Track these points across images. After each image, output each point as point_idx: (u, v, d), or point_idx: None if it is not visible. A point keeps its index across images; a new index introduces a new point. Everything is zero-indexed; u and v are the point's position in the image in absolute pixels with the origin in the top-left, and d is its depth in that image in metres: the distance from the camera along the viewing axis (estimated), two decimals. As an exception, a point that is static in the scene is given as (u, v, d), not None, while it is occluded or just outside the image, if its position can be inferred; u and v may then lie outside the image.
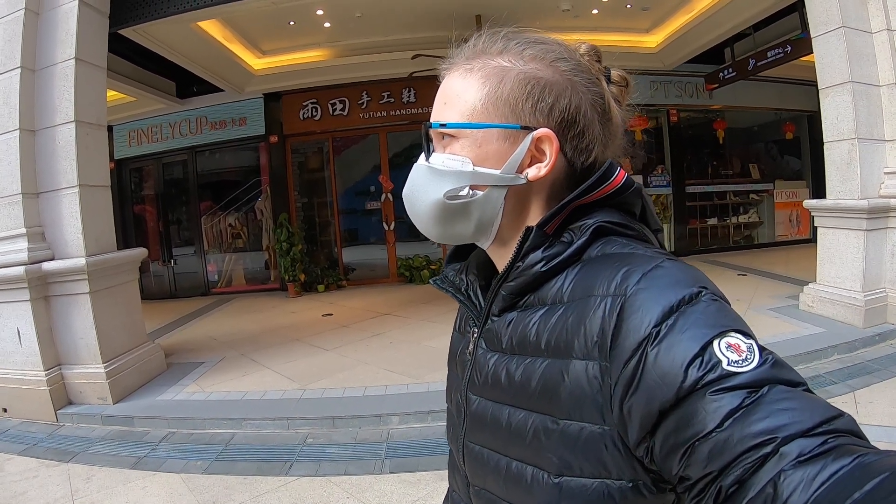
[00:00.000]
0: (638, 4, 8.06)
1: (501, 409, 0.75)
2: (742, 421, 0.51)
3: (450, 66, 0.80)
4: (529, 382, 0.71)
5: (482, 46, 0.78)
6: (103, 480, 3.63)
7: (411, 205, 0.82)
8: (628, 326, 0.61)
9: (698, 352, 0.56)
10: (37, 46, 4.82)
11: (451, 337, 0.98)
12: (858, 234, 5.34)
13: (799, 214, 11.41)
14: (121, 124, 10.35)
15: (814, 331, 5.30)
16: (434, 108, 0.80)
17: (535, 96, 0.74)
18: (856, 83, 5.34)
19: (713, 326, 0.58)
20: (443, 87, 0.80)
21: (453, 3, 7.21)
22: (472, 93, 0.75)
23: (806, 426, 0.50)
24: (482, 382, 0.80)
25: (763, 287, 7.42)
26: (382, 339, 6.26)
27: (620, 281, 0.65)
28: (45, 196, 4.82)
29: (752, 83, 9.94)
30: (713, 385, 0.54)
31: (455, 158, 0.76)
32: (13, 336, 4.71)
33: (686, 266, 0.66)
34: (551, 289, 0.73)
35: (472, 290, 0.88)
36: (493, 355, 0.78)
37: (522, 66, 0.75)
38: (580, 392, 0.65)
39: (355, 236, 10.84)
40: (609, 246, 0.72)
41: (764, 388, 0.53)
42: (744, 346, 0.56)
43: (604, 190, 0.75)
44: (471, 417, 0.82)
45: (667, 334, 0.58)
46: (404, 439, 3.93)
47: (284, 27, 7.89)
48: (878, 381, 4.28)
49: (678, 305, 0.60)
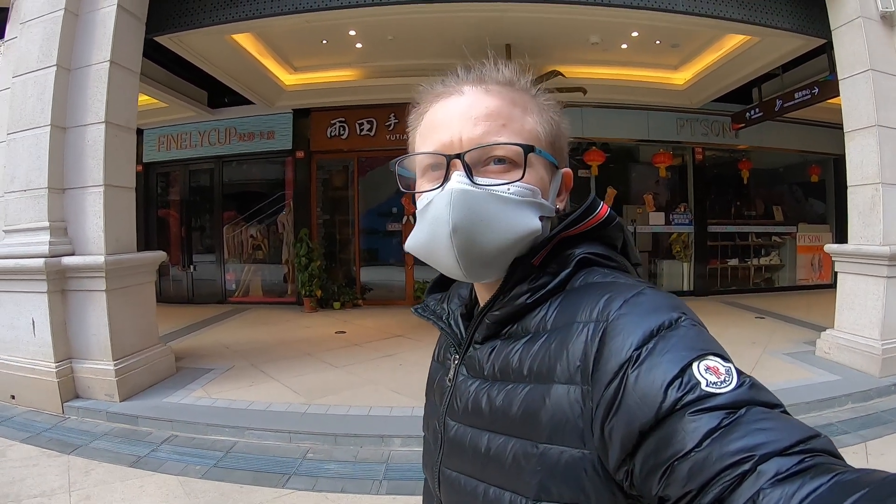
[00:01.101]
0: (667, 41, 8.08)
1: (481, 434, 0.75)
2: (720, 440, 0.51)
3: (476, 83, 0.78)
4: (510, 407, 0.71)
5: (509, 77, 0.80)
6: (102, 475, 3.65)
7: (479, 233, 0.72)
8: (610, 350, 0.62)
9: (678, 373, 0.57)
10: (73, 47, 4.98)
11: (430, 367, 0.99)
12: (879, 280, 5.24)
13: (821, 259, 11.21)
14: (151, 129, 10.58)
15: (829, 378, 5.18)
16: (479, 128, 0.75)
17: (562, 138, 0.83)
18: (882, 127, 5.30)
19: (692, 349, 0.59)
20: (486, 104, 0.76)
21: (484, 32, 7.29)
22: (530, 123, 0.78)
23: (783, 445, 0.50)
24: (462, 409, 0.80)
25: (780, 331, 7.29)
26: (393, 361, 6.23)
27: (603, 307, 0.66)
28: (71, 192, 4.94)
29: (779, 124, 9.89)
30: (692, 406, 0.55)
31: (529, 188, 0.75)
32: (28, 326, 4.80)
33: (666, 294, 0.68)
34: (535, 318, 0.74)
35: (452, 319, 0.90)
36: (474, 382, 0.79)
37: (550, 107, 0.82)
38: (561, 416, 0.65)
39: (375, 256, 10.87)
40: (592, 276, 0.75)
41: (742, 409, 0.54)
42: (722, 368, 0.57)
43: (588, 223, 0.78)
44: (448, 444, 0.82)
45: (647, 357, 0.59)
46: (405, 462, 3.88)
47: (317, 45, 8.02)
48: (892, 433, 4.15)
49: (658, 330, 0.61)
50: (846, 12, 5.54)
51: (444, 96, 0.79)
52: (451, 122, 0.76)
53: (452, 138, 0.75)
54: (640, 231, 10.72)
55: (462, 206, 0.71)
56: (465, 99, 0.77)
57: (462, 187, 0.72)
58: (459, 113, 0.76)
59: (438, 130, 0.77)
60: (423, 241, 0.77)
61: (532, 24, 7.05)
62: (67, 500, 3.35)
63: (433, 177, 0.77)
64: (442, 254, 0.75)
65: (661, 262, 10.98)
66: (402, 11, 6.13)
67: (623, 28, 7.34)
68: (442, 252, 0.75)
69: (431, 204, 0.75)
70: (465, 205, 0.71)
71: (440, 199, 0.73)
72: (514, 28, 7.20)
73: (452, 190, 0.72)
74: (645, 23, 6.66)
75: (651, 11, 5.67)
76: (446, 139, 0.75)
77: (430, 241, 0.76)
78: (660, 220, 10.76)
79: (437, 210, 0.73)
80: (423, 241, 0.77)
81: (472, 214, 0.72)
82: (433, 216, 0.74)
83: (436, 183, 0.76)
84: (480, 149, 0.74)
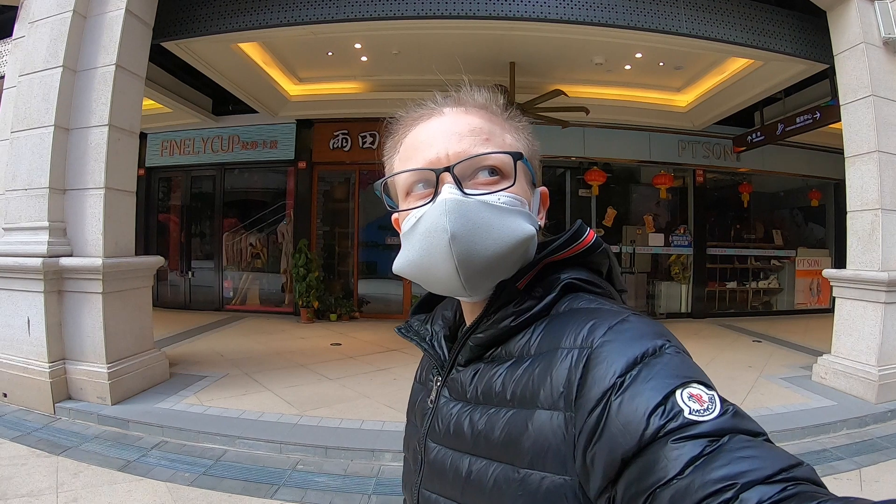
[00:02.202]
0: (671, 63, 8.14)
1: (462, 457, 0.75)
2: (703, 468, 0.51)
3: (455, 104, 0.80)
4: (493, 431, 0.71)
5: (483, 101, 0.81)
6: (90, 478, 3.63)
7: (479, 239, 0.71)
8: (593, 377, 0.62)
9: (661, 401, 0.57)
10: (80, 48, 5.02)
11: (412, 388, 0.99)
12: (877, 306, 5.24)
13: (819, 283, 11.23)
14: (155, 133, 10.62)
15: (824, 403, 5.15)
16: (465, 142, 0.75)
17: (534, 157, 0.84)
18: (882, 153, 5.33)
19: (676, 377, 0.59)
20: (468, 122, 0.77)
21: (489, 50, 7.36)
22: (510, 139, 0.80)
23: (766, 473, 0.50)
24: (443, 431, 0.79)
25: (777, 355, 7.27)
26: (387, 375, 6.20)
27: (587, 334, 0.66)
28: (71, 193, 4.95)
29: (780, 148, 9.95)
30: (675, 433, 0.54)
31: (517, 197, 0.76)
32: (23, 325, 4.80)
33: (651, 321, 0.68)
34: (519, 342, 0.74)
35: (436, 341, 0.90)
36: (456, 404, 0.79)
37: (524, 129, 0.84)
38: (544, 441, 0.65)
39: (373, 269, 10.85)
40: (577, 301, 0.75)
41: (725, 437, 0.53)
42: (705, 396, 0.57)
43: (574, 248, 0.79)
44: (429, 466, 0.82)
45: (630, 384, 0.59)
46: (395, 477, 3.85)
47: (322, 57, 8.08)
48: (887, 460, 4.12)
49: (642, 357, 0.61)
50: (849, 38, 5.60)
51: (424, 118, 0.80)
52: (435, 140, 0.76)
53: (439, 154, 0.75)
54: (639, 252, 10.72)
55: (458, 214, 0.71)
56: (446, 118, 0.78)
57: (455, 197, 0.72)
58: (443, 130, 0.77)
59: (423, 149, 0.77)
60: (414, 257, 0.76)
61: (536, 43, 7.12)
62: (55, 500, 3.33)
63: (420, 195, 0.77)
64: (439, 267, 0.73)
65: (660, 283, 10.97)
66: (408, 26, 6.19)
67: (627, 49, 7.40)
68: (439, 265, 0.73)
69: (422, 219, 0.74)
70: (461, 213, 0.71)
71: (433, 211, 0.72)
72: (518, 46, 7.28)
73: (446, 200, 0.72)
74: (649, 44, 6.70)
75: (655, 34, 5.73)
76: (432, 156, 0.75)
77: (424, 255, 0.74)
78: (659, 241, 10.77)
79: (431, 222, 0.72)
80: (414, 257, 0.76)
81: (468, 222, 0.71)
82: (426, 229, 0.73)
83: (424, 200, 0.75)
84: (469, 160, 0.74)
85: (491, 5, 5.50)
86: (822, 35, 5.95)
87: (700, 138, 10.42)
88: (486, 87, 0.83)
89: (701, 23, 5.70)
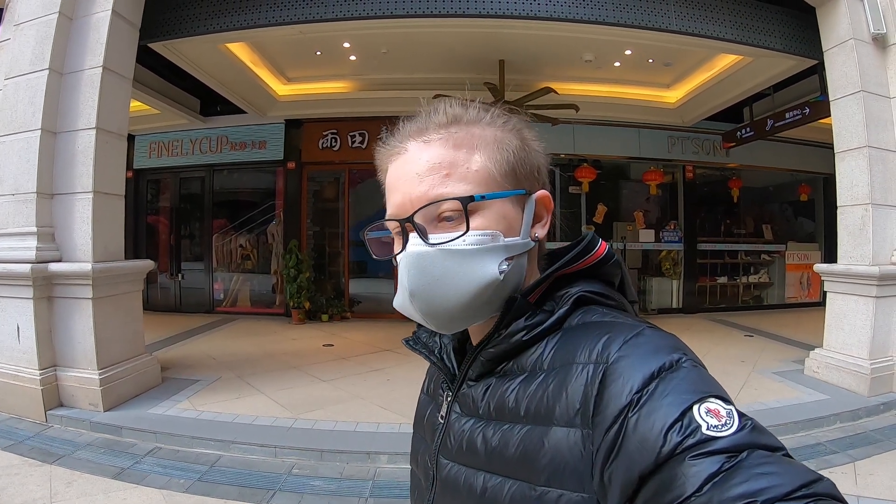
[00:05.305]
0: (660, 60, 8.16)
1: (476, 474, 0.74)
2: (721, 485, 0.51)
3: (417, 135, 0.77)
4: (507, 448, 0.70)
5: (454, 115, 0.77)
6: (84, 487, 3.59)
7: (439, 294, 0.72)
8: (610, 394, 0.62)
9: (678, 417, 0.56)
10: (67, 51, 4.95)
11: (419, 399, 0.98)
12: (868, 300, 5.28)
13: (810, 277, 11.32)
14: (143, 135, 10.53)
15: (817, 397, 5.19)
16: (424, 183, 0.73)
17: (526, 161, 0.78)
18: (872, 148, 5.37)
19: (693, 392, 0.58)
20: (427, 158, 0.74)
21: (478, 48, 7.35)
22: (478, 162, 0.75)
23: (786, 490, 0.49)
24: (456, 447, 0.78)
25: (769, 349, 7.31)
26: (380, 375, 6.17)
27: (602, 348, 0.66)
28: (59, 198, 4.89)
29: (770, 143, 9.99)
30: (693, 450, 0.54)
31: (486, 233, 0.72)
32: (13, 332, 4.74)
33: (666, 333, 0.67)
34: (531, 356, 0.73)
35: (445, 353, 0.89)
36: (468, 420, 0.78)
37: (509, 130, 0.79)
38: (560, 459, 0.64)
39: (364, 269, 10.81)
40: (589, 315, 0.74)
41: (743, 453, 0.53)
42: (723, 411, 0.57)
43: (587, 261, 0.78)
44: (441, 483, 0.81)
45: (647, 400, 0.59)
46: (391, 479, 3.84)
47: (311, 56, 8.04)
48: (881, 452, 4.15)
49: (659, 372, 0.60)
50: (838, 34, 5.63)
51: (394, 156, 0.79)
52: (399, 184, 0.76)
53: (404, 200, 0.74)
54: (629, 248, 10.75)
55: (416, 270, 0.72)
56: (409, 155, 0.76)
57: (416, 250, 0.72)
58: (404, 172, 0.75)
59: (392, 194, 0.77)
60: (399, 303, 0.78)
61: (526, 41, 7.11)
62: (47, 511, 3.29)
63: (399, 241, 0.76)
64: (414, 315, 0.77)
65: (651, 279, 11.01)
66: (397, 25, 6.16)
67: (616, 46, 7.40)
68: (412, 314, 0.77)
69: (399, 267, 0.75)
70: (419, 268, 0.72)
71: (401, 264, 0.74)
72: (507, 44, 7.27)
73: (406, 255, 0.73)
74: (638, 41, 6.71)
75: (645, 31, 5.73)
76: (398, 201, 0.75)
77: (402, 303, 0.77)
78: (650, 237, 10.81)
79: (401, 274, 0.74)
80: (399, 303, 0.78)
81: (426, 276, 0.72)
82: (400, 280, 0.75)
83: (401, 246, 0.75)
84: (425, 208, 0.72)
85: (480, 4, 5.49)
86: (811, 31, 5.98)
87: (689, 134, 10.47)
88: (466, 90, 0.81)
89: (690, 19, 5.72)
